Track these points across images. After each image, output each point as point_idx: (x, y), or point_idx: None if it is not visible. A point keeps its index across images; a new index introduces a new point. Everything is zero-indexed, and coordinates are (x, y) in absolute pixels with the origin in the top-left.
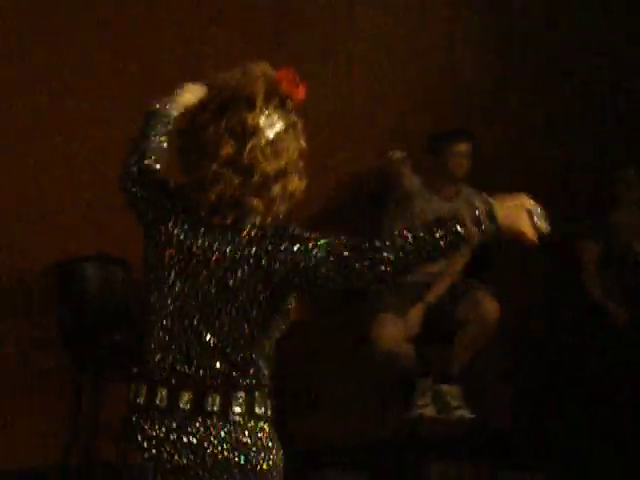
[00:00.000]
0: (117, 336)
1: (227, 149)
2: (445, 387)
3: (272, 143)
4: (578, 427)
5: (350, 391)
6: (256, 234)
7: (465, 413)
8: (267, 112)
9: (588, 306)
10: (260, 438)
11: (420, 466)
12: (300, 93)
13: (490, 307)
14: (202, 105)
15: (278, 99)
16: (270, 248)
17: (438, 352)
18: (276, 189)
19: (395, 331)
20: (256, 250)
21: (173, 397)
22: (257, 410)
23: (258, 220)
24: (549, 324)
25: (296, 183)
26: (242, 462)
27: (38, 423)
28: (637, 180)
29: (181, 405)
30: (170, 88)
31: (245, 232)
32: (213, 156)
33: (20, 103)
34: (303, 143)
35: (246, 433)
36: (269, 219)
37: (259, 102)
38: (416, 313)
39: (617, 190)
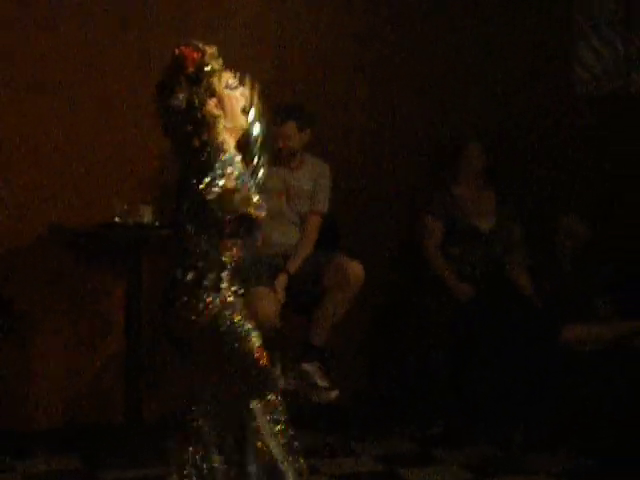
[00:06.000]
0: None
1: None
2: (307, 366)
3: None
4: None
5: None
6: None
7: (332, 394)
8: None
9: (430, 281)
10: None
11: None
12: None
13: (356, 269)
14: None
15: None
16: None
17: (300, 324)
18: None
19: (272, 304)
20: None
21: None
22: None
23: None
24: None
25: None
26: None
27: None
28: (479, 154)
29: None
30: None
31: None
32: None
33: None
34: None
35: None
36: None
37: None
38: (281, 284)
39: (459, 165)
